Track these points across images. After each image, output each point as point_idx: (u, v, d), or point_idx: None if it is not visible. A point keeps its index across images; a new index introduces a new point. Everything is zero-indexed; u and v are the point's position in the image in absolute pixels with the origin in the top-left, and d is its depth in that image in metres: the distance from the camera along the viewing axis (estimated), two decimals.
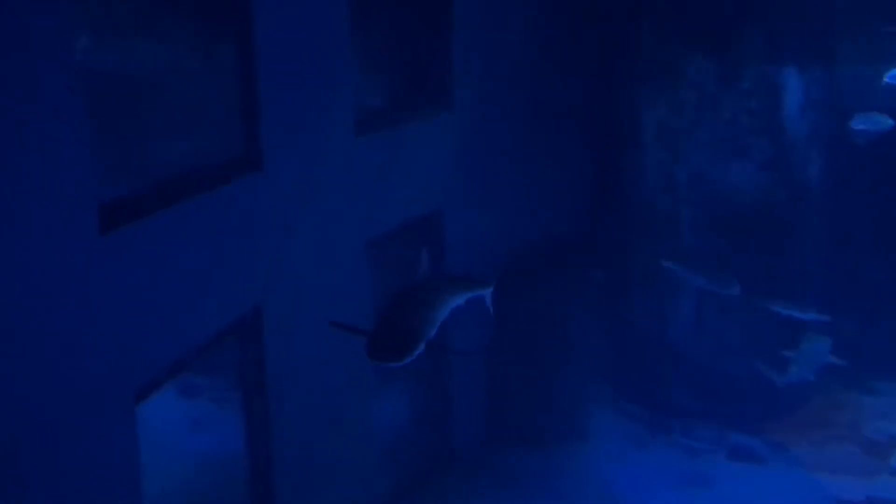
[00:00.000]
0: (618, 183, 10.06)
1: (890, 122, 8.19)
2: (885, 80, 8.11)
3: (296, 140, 5.81)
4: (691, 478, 8.85)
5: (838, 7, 9.63)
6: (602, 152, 10.22)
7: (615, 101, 9.92)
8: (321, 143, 6.13)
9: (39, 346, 3.64)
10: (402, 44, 7.59)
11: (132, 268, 4.25)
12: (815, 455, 9.54)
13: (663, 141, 9.64)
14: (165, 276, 4.48)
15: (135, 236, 4.25)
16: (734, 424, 9.74)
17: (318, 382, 6.20)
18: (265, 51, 5.38)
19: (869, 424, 10.18)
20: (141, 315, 4.24)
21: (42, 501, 3.55)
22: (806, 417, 10.01)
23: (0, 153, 3.46)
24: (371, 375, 7.29)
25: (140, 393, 4.21)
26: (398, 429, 8.05)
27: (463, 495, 7.93)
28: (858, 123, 8.31)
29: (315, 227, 6.11)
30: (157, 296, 4.40)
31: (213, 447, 7.47)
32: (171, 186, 4.67)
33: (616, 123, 9.98)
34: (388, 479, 7.47)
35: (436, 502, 7.78)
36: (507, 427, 8.88)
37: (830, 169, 9.75)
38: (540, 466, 8.55)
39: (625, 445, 9.34)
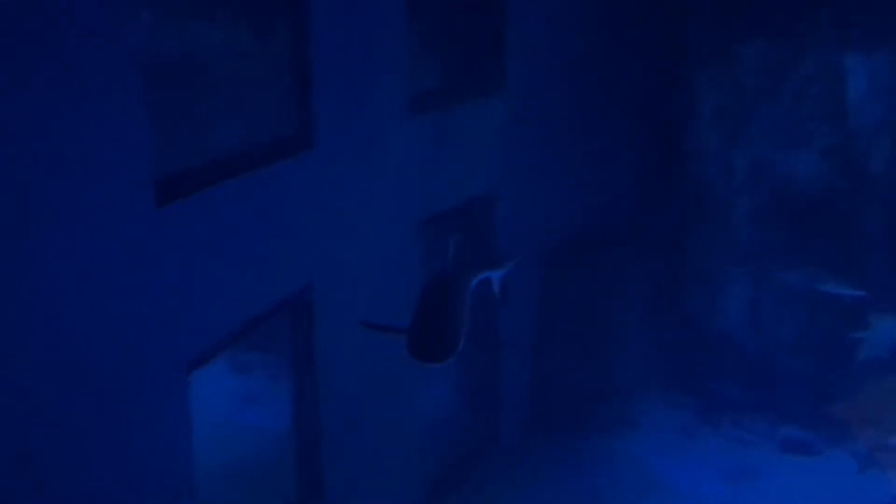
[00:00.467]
0: (672, 170, 9.86)
1: None
2: None
3: (349, 119, 5.82)
4: (741, 470, 8.69)
5: None
6: (657, 138, 10.03)
7: (671, 86, 9.72)
8: (374, 122, 6.13)
9: (97, 316, 3.72)
10: (456, 24, 7.54)
11: (187, 241, 4.31)
12: (871, 448, 9.28)
13: (721, 127, 9.42)
14: (219, 249, 4.54)
15: (190, 210, 4.30)
16: (787, 416, 9.52)
17: (366, 362, 6.23)
18: (319, 30, 5.40)
19: None
20: (195, 287, 4.30)
21: (99, 465, 3.64)
22: (862, 410, 9.74)
23: (62, 129, 3.54)
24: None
25: (193, 363, 4.28)
26: (443, 411, 8.06)
27: (506, 481, 7.91)
28: None
29: (367, 206, 6.12)
30: (211, 269, 4.45)
31: (264, 422, 7.59)
32: (225, 163, 4.72)
33: (672, 109, 9.78)
34: (432, 461, 7.49)
35: (479, 487, 7.77)
36: (553, 413, 8.81)
37: None
38: (586, 454, 8.47)
39: (674, 436, 9.20)
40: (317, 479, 5.71)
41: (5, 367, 3.22)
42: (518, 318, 8.78)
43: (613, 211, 9.77)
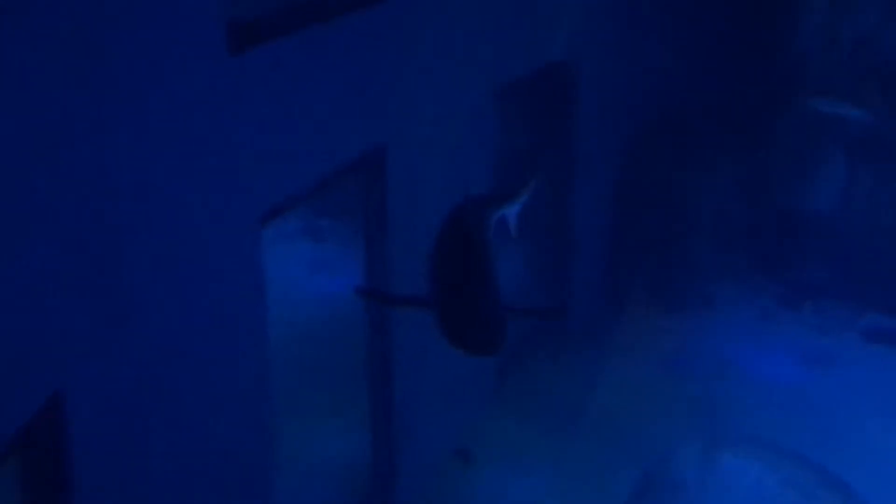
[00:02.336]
0: (770, 42, 9.15)
1: None
2: None
3: None
4: (819, 356, 8.38)
5: None
6: (753, 11, 9.29)
7: None
8: None
9: (169, 166, 3.57)
10: None
11: (260, 91, 4.08)
12: None
13: None
14: (293, 102, 4.31)
15: (264, 58, 4.05)
16: (872, 304, 9.11)
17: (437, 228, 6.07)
18: None
19: None
20: (267, 140, 4.11)
21: (177, 309, 3.57)
22: None
23: None
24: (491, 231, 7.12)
25: (265, 217, 4.15)
26: (516, 286, 7.91)
27: (578, 357, 7.80)
28: None
29: (442, 67, 5.78)
30: (285, 122, 4.24)
31: (337, 288, 7.60)
32: (300, 11, 4.43)
33: None
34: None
35: (550, 363, 7.69)
36: (629, 290, 8.60)
37: None
38: (661, 333, 8.28)
39: (751, 318, 8.89)
40: (386, 343, 5.66)
41: (85, 214, 3.12)
42: (595, 198, 8.47)
43: (701, 88, 9.19)
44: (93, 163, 3.16)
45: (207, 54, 3.79)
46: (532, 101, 7.81)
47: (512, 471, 6.03)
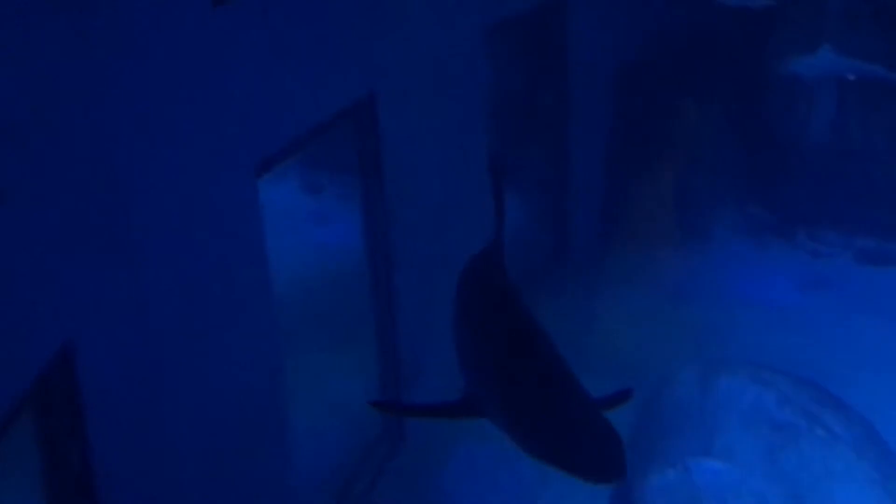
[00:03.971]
0: None
1: None
2: None
3: None
4: (815, 280, 8.41)
5: None
6: None
7: None
8: None
9: (166, 114, 3.53)
10: None
11: (247, 41, 4.01)
12: None
13: None
14: (280, 51, 4.23)
15: (250, 7, 3.99)
16: (864, 229, 9.11)
17: (433, 173, 6.02)
18: None
19: None
20: (258, 89, 4.06)
21: (181, 256, 3.56)
22: None
23: None
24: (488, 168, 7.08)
25: (259, 167, 4.11)
26: (514, 224, 7.89)
27: (576, 291, 7.82)
28: None
29: (432, 9, 5.66)
30: (275, 70, 4.18)
31: (337, 240, 7.59)
32: None
33: None
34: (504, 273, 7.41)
35: (549, 298, 7.71)
36: (625, 224, 8.59)
37: None
38: (656, 263, 8.30)
39: (747, 248, 8.91)
40: (388, 291, 5.67)
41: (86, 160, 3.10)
42: (590, 133, 8.39)
43: (692, 21, 9.03)
44: (92, 112, 3.12)
45: (191, 5, 3.72)
46: (523, 40, 7.69)
47: None
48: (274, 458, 4.20)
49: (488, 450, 5.61)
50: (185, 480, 3.54)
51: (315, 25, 4.52)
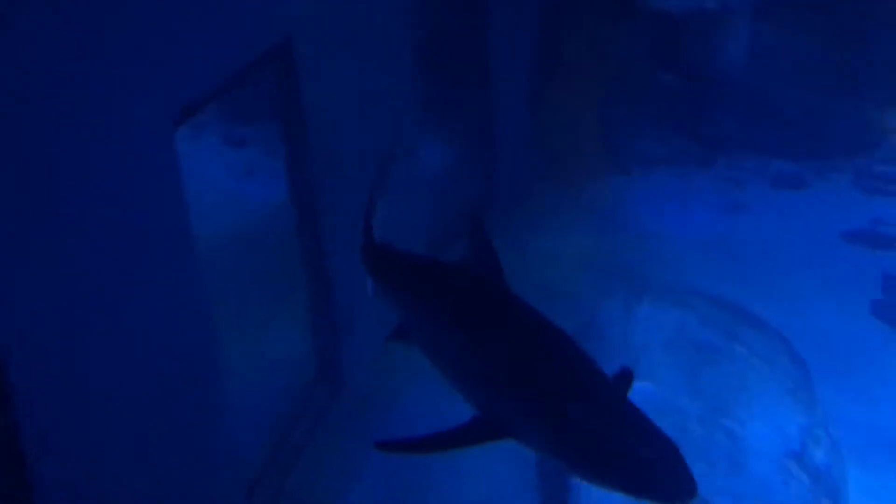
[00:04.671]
0: None
1: None
2: None
3: None
4: (734, 205, 8.66)
5: None
6: None
7: None
8: None
9: (64, 63, 3.37)
10: None
11: None
12: (857, 178, 9.24)
13: None
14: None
15: None
16: (779, 153, 9.38)
17: (358, 120, 5.94)
18: None
19: None
20: (169, 36, 3.90)
21: (89, 211, 3.45)
22: (850, 142, 9.59)
23: None
24: (412, 113, 7.02)
25: (177, 117, 3.99)
26: (442, 170, 7.89)
27: (506, 232, 7.88)
28: None
29: None
30: (187, 15, 4.01)
31: (265, 192, 7.48)
32: None
33: None
34: (435, 214, 7.43)
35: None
36: (550, 164, 8.66)
37: None
38: (583, 200, 8.42)
39: (671, 180, 9.10)
40: (316, 241, 5.62)
41: None
42: (513, 70, 8.37)
43: None
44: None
45: None
46: None
47: None
48: (208, 411, 4.19)
49: (427, 390, 5.69)
50: (117, 437, 3.51)
51: None
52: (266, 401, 5.27)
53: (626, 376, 3.05)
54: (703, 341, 5.40)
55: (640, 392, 5.02)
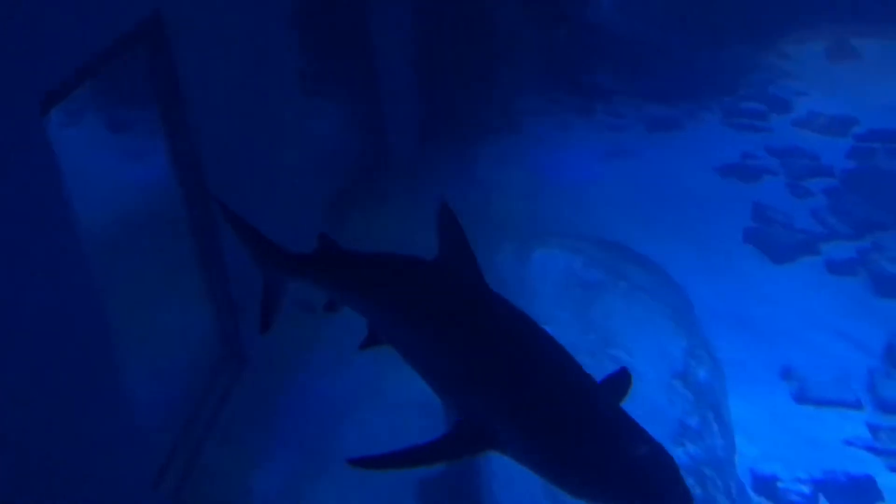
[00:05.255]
0: None
1: None
2: None
3: None
4: (616, 150, 9.01)
5: None
6: None
7: None
8: None
9: None
10: None
11: None
12: (726, 116, 9.77)
13: None
14: None
15: None
16: (653, 98, 9.79)
17: (239, 94, 5.86)
18: None
19: (775, 84, 10.36)
20: (26, 18, 3.77)
21: None
22: (718, 83, 10.09)
23: None
24: (297, 84, 6.96)
25: (45, 103, 3.86)
26: (334, 135, 7.88)
27: (401, 192, 7.98)
28: None
29: None
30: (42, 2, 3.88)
31: (154, 175, 7.29)
32: None
33: None
34: (329, 182, 7.43)
35: (375, 202, 7.83)
36: (440, 126, 8.76)
37: None
38: (475, 158, 8.56)
39: (554, 131, 9.37)
40: (207, 220, 5.55)
41: None
42: (396, 40, 8.38)
43: None
44: None
45: None
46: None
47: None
48: (106, 401, 4.14)
49: (327, 360, 5.77)
50: (7, 432, 3.45)
51: None
52: (170, 384, 5.23)
53: (622, 380, 2.88)
54: (590, 280, 5.69)
55: None
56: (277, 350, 5.62)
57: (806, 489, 4.80)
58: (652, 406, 4.80)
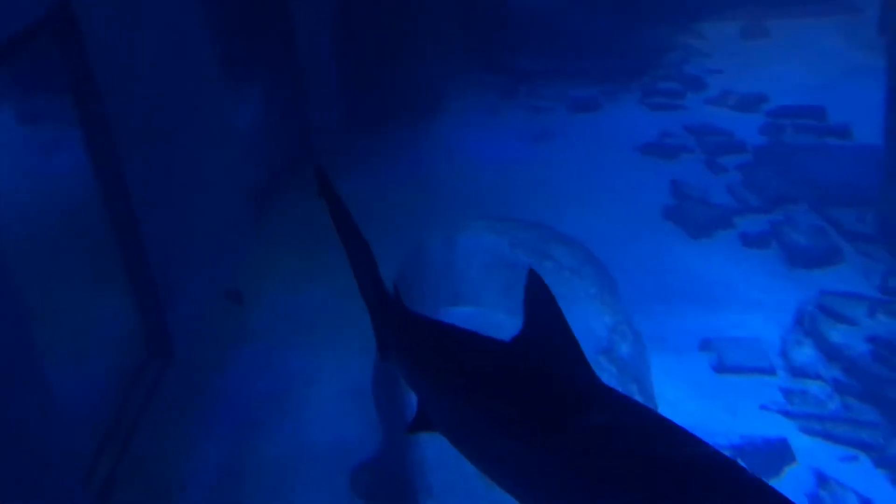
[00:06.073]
0: None
1: None
2: None
3: None
4: (539, 132, 9.13)
5: None
6: None
7: None
8: None
9: None
10: None
11: None
12: (644, 96, 9.98)
13: None
14: None
15: None
16: (572, 80, 9.94)
17: (159, 81, 5.70)
18: None
19: (690, 63, 10.64)
20: None
21: None
22: (638, 65, 10.30)
23: None
24: (218, 70, 6.81)
25: None
26: (258, 123, 7.74)
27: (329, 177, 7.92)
28: None
29: None
30: None
31: (70, 168, 7.02)
32: None
33: None
34: (255, 171, 7.32)
35: (302, 190, 7.76)
36: (365, 111, 8.70)
37: None
38: (399, 143, 8.56)
39: (479, 114, 9.42)
40: (126, 212, 5.40)
41: None
42: (317, 27, 8.27)
43: None
44: None
45: None
46: None
47: (284, 299, 6.16)
48: (31, 400, 4.02)
49: (258, 346, 5.71)
50: None
51: None
52: (95, 381, 5.10)
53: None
54: (516, 262, 5.75)
55: (465, 315, 5.34)
56: (206, 343, 5.53)
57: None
58: None
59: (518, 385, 2.13)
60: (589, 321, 5.46)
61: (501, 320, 5.17)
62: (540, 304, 2.25)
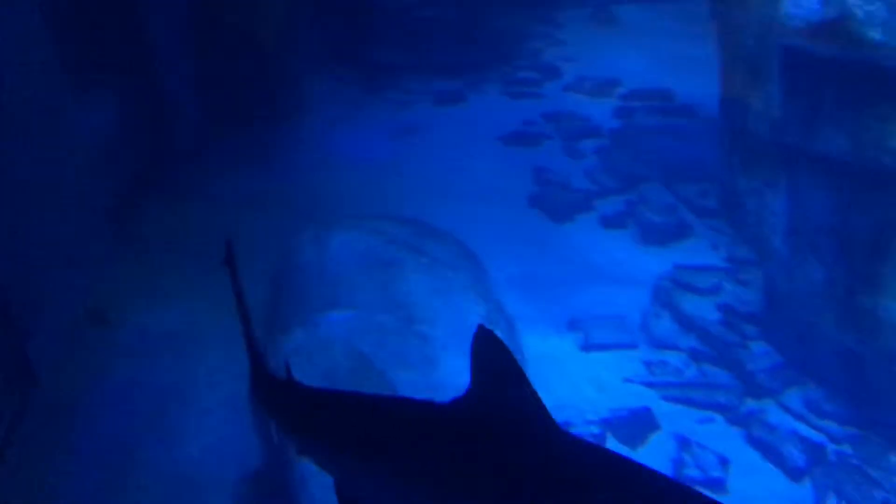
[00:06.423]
0: None
1: None
2: None
3: None
4: (405, 126, 9.19)
5: None
6: None
7: None
8: None
9: None
10: None
11: None
12: (505, 86, 10.27)
13: None
14: None
15: None
16: (438, 72, 10.07)
17: (10, 94, 5.36)
18: None
19: (546, 52, 11.02)
20: None
21: None
22: (496, 55, 10.56)
23: None
24: (64, 78, 6.45)
25: None
26: (113, 128, 7.39)
27: (192, 183, 7.70)
28: None
29: None
30: None
31: None
32: None
33: None
34: (111, 183, 7.00)
35: (166, 195, 7.49)
36: (227, 113, 8.48)
37: None
38: (263, 142, 8.41)
39: (344, 110, 9.38)
40: None
41: None
42: (173, 20, 7.97)
43: None
44: None
45: None
46: None
47: (152, 315, 5.94)
48: None
49: (126, 365, 5.51)
50: None
51: None
52: None
53: None
54: (391, 259, 5.82)
55: (342, 319, 5.37)
56: (72, 367, 5.29)
57: (596, 429, 5.29)
58: (452, 370, 5.05)
59: (478, 450, 1.95)
60: (464, 312, 5.62)
61: (381, 319, 5.25)
62: (492, 360, 2.05)
